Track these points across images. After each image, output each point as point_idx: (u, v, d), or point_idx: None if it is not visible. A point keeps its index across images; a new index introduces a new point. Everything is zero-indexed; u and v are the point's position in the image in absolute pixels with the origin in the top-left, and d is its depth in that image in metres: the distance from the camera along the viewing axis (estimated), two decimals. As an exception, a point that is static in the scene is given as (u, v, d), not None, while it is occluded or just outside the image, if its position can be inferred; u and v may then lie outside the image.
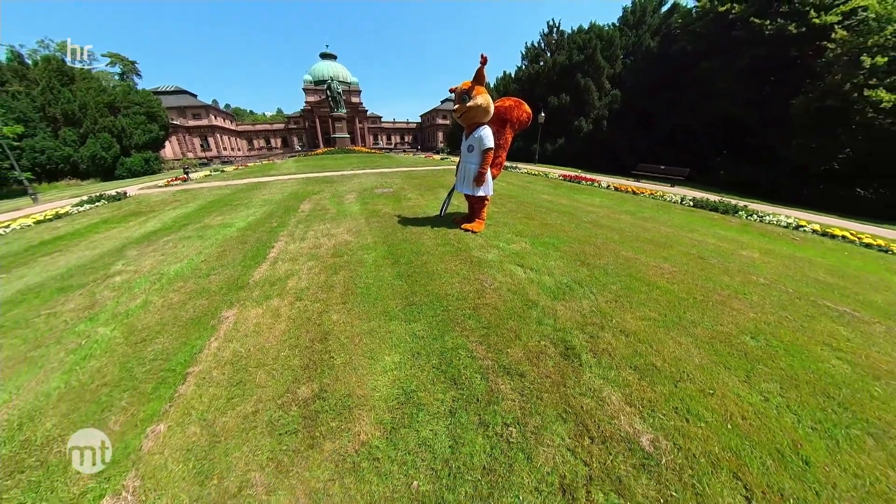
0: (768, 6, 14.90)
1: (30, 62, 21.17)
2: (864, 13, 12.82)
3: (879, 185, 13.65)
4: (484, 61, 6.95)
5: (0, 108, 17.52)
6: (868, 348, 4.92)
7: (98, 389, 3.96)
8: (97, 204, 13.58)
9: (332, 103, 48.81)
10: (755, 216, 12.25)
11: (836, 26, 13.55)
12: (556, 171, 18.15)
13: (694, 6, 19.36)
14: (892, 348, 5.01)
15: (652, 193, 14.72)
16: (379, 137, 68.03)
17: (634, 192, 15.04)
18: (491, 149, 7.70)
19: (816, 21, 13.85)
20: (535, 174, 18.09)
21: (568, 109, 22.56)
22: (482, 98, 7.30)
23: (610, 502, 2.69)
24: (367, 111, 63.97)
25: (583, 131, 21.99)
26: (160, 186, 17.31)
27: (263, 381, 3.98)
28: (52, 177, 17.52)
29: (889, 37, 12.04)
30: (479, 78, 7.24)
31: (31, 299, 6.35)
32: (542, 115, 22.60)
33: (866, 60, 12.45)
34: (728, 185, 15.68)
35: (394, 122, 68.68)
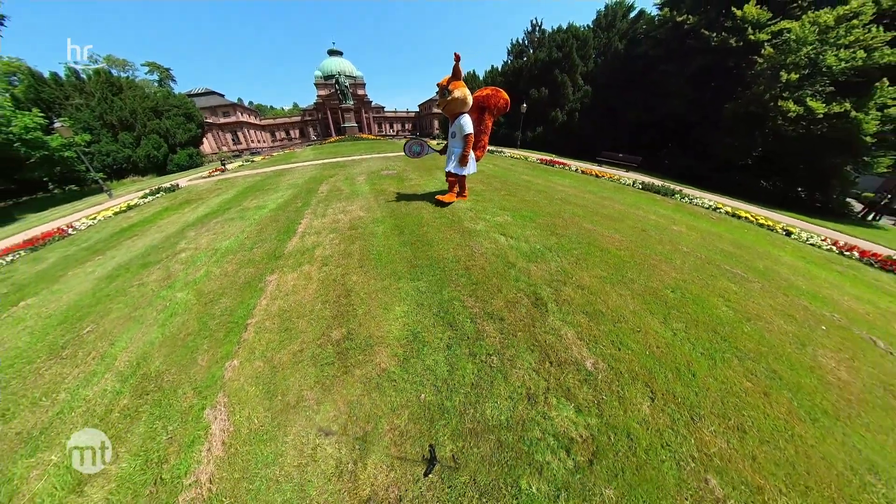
0: (716, 20, 14.53)
1: (84, 76, 20.46)
2: (788, 34, 12.60)
3: (777, 179, 14.07)
4: (457, 59, 6.82)
5: (69, 119, 17.24)
6: (747, 300, 5.45)
7: (185, 338, 4.39)
8: (157, 195, 13.45)
9: (340, 96, 46.55)
10: (687, 199, 12.49)
11: (766, 44, 13.29)
12: (534, 156, 17.95)
13: (657, 15, 18.71)
14: (763, 300, 5.56)
15: (611, 177, 14.69)
16: (383, 125, 65.75)
17: (597, 176, 14.99)
18: (470, 134, 7.50)
19: (752, 37, 13.56)
20: (517, 158, 17.92)
21: (546, 102, 21.99)
22: (459, 91, 7.14)
23: (560, 404, 3.21)
24: (371, 102, 61.50)
25: (558, 121, 21.55)
26: (204, 177, 16.90)
27: (304, 328, 4.35)
28: (118, 175, 17.34)
29: (802, 57, 12.11)
30: (455, 74, 7.09)
31: (124, 274, 6.63)
32: (524, 105, 22.03)
33: (784, 75, 12.50)
34: (671, 173, 15.79)
35: (395, 112, 66.06)
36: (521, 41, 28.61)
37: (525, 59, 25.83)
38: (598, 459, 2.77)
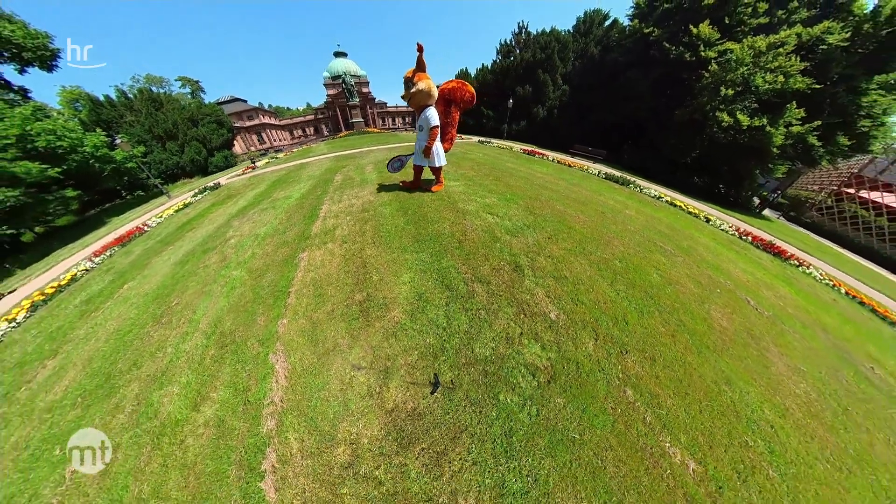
0: (676, 35, 14.25)
1: (131, 96, 20.23)
2: (730, 55, 12.63)
3: (706, 177, 14.57)
4: (420, 49, 6.03)
5: (126, 135, 17.34)
6: (671, 269, 5.97)
7: (245, 304, 4.83)
8: (205, 193, 13.54)
9: (347, 94, 44.54)
10: (639, 188, 12.74)
11: (713, 61, 13.37)
12: (518, 147, 17.82)
13: (628, 25, 18.12)
14: (682, 270, 6.13)
15: (581, 167, 14.78)
16: (386, 120, 63.67)
17: (570, 165, 14.99)
18: (436, 127, 6.72)
19: (703, 54, 13.41)
20: (503, 148, 17.71)
21: (530, 99, 21.35)
22: (423, 83, 6.38)
23: (530, 343, 3.73)
24: (375, 99, 59.50)
25: (539, 117, 21.04)
26: (238, 175, 16.78)
27: (333, 293, 4.71)
28: (171, 179, 17.42)
29: (739, 76, 12.29)
30: (419, 65, 6.30)
31: (192, 259, 6.95)
32: (511, 101, 21.75)
33: (723, 90, 12.62)
34: (628, 166, 15.89)
35: (396, 107, 63.80)
36: (509, 42, 27.42)
37: (512, 58, 24.70)
38: (554, 380, 3.35)
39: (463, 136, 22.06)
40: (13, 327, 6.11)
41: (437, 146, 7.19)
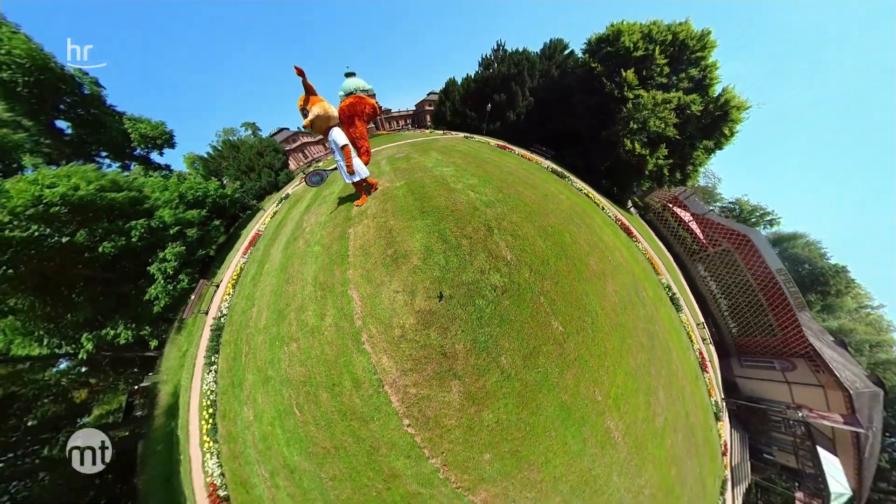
0: (612, 74, 14.47)
1: (220, 147, 21.53)
2: (641, 99, 13.61)
3: (609, 180, 16.33)
4: (300, 73, 4.78)
5: (227, 176, 19.40)
6: (578, 235, 7.02)
7: (326, 265, 5.82)
8: (282, 202, 13.84)
9: None
10: (571, 182, 13.54)
11: (630, 101, 14.24)
12: (494, 142, 17.67)
13: (581, 57, 17.81)
14: (583, 236, 7.22)
15: (536, 161, 14.99)
16: (392, 123, 60.91)
17: (529, 159, 15.09)
18: (346, 145, 5.58)
19: (626, 94, 14.27)
20: (482, 143, 17.21)
21: (504, 105, 20.92)
22: (317, 108, 5.18)
23: (494, 273, 4.88)
24: (382, 106, 56.52)
25: (510, 120, 20.65)
26: (297, 185, 16.67)
27: (374, 252, 5.58)
28: (260, 198, 18.85)
29: (642, 116, 13.46)
30: (307, 90, 5.10)
31: (289, 245, 7.74)
32: (489, 106, 21.20)
33: (632, 124, 13.70)
34: (568, 165, 16.68)
35: (399, 112, 60.93)
36: (489, 56, 25.88)
37: (491, 70, 23.62)
38: (506, 293, 4.63)
39: (451, 132, 21.90)
40: (230, 296, 8.33)
41: (356, 161, 6.02)
